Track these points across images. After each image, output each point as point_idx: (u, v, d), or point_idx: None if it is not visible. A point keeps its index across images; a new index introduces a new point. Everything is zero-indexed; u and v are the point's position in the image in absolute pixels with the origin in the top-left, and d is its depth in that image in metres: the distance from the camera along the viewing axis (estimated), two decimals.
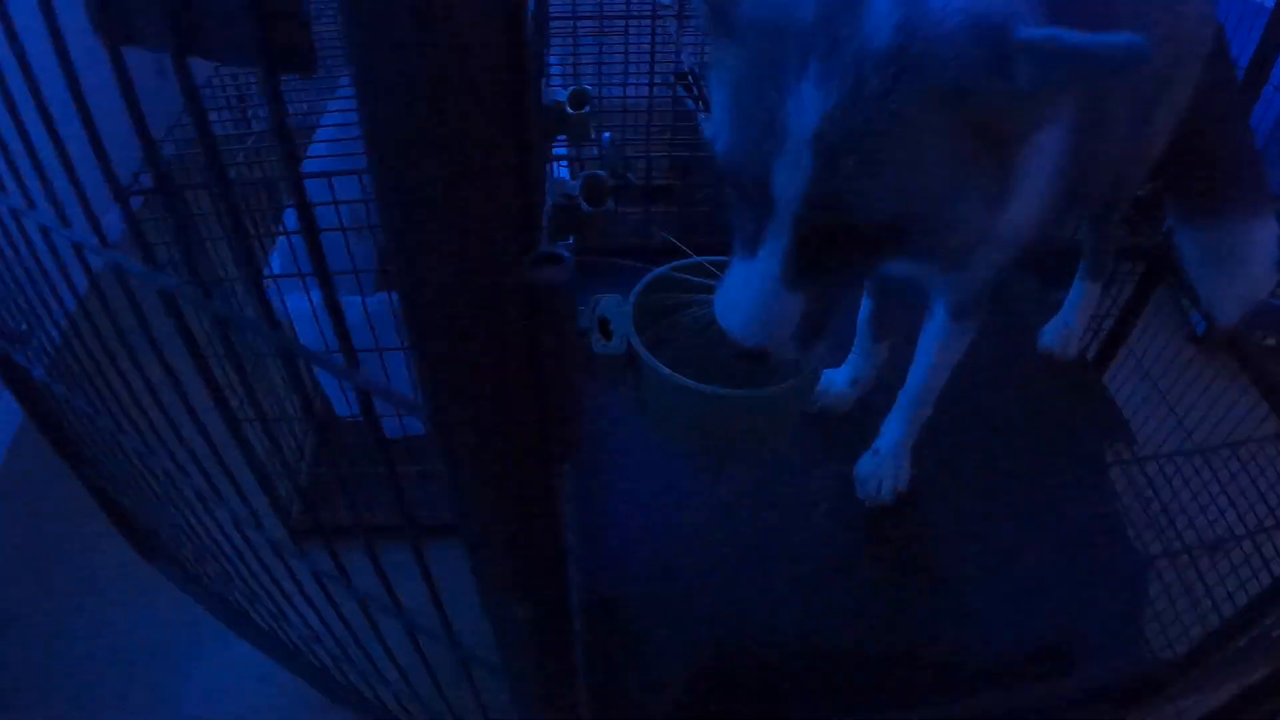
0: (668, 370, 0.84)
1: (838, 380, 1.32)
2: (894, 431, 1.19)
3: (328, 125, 1.81)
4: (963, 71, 0.59)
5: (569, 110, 1.18)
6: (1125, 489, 1.68)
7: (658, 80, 2.04)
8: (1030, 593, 1.16)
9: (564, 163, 1.62)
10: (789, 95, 0.60)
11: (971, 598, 1.14)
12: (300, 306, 1.58)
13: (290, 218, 1.72)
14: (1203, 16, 1.09)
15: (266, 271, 1.64)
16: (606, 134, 1.22)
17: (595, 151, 2.12)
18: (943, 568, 1.17)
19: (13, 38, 0.47)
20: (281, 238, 1.72)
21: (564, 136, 1.02)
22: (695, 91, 1.92)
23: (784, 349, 0.72)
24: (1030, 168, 0.72)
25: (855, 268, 0.72)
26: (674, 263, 0.92)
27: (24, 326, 0.89)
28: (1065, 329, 1.43)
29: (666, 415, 0.90)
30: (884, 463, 1.19)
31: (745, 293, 0.69)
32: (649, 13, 2.03)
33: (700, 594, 1.12)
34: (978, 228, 0.70)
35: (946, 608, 1.13)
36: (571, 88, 1.02)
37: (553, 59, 1.97)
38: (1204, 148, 1.32)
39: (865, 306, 1.23)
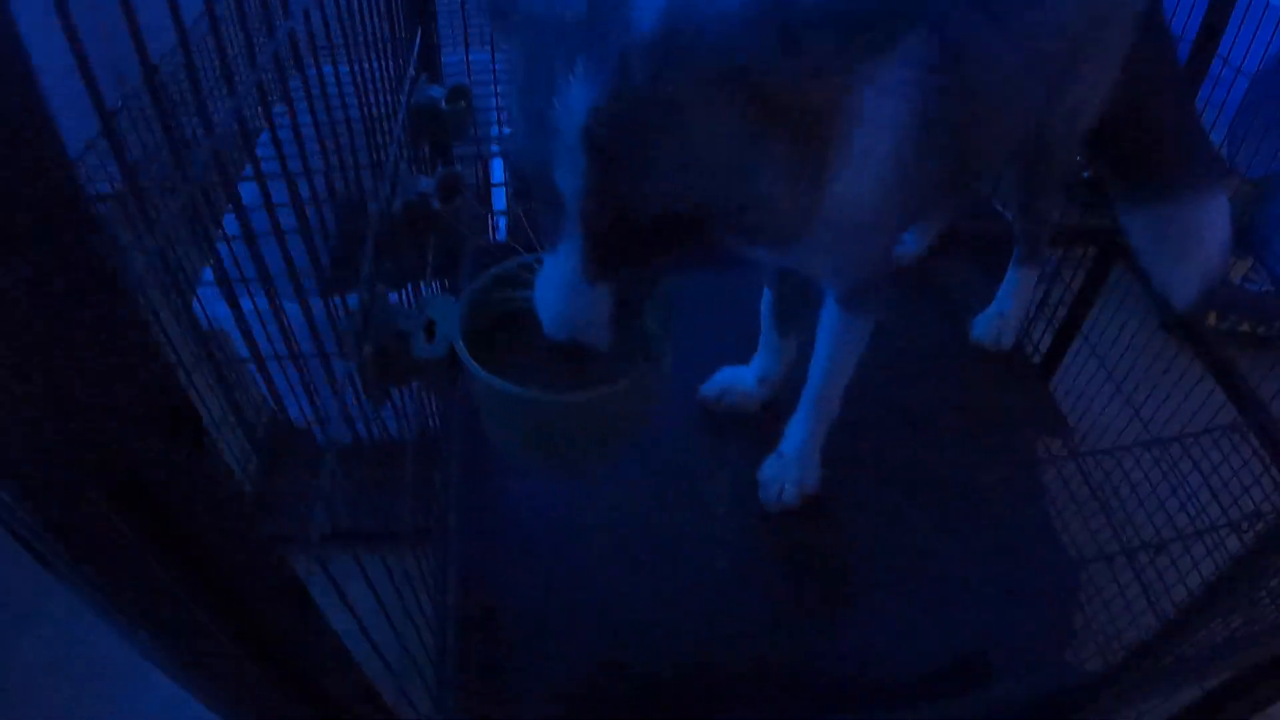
0: (484, 373, 0.76)
1: (745, 378, 1.24)
2: (798, 432, 1.12)
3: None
4: (738, 53, 0.57)
5: (443, 106, 1.12)
6: (1077, 486, 1.61)
7: None
8: (947, 601, 1.08)
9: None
10: (558, 93, 0.58)
11: (883, 607, 1.07)
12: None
13: (230, 222, 1.65)
14: None
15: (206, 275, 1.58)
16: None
17: (496, 148, 2.06)
18: (852, 575, 1.10)
19: None
20: (221, 243, 1.65)
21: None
22: None
23: (598, 340, 0.69)
24: (855, 141, 0.69)
25: (663, 255, 0.68)
26: (522, 258, 0.83)
27: None
28: (998, 319, 1.35)
29: (495, 423, 0.83)
30: (788, 465, 1.11)
31: (549, 288, 0.67)
32: None
33: (587, 603, 1.05)
34: (793, 209, 0.67)
35: (854, 618, 1.06)
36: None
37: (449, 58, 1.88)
38: (1144, 122, 1.24)
39: (766, 298, 1.15)
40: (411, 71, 1.15)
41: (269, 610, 0.45)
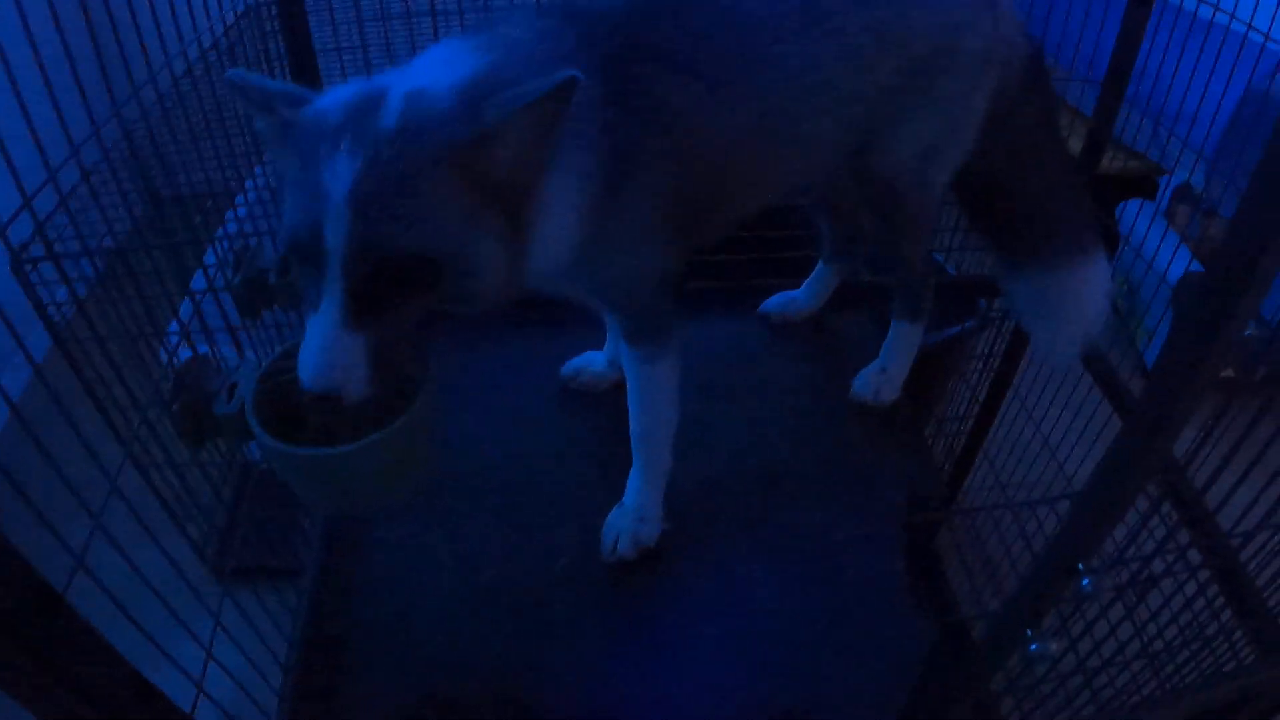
0: (260, 431, 0.85)
1: (596, 360, 1.38)
2: (633, 484, 1.17)
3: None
4: (447, 134, 0.77)
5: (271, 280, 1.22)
6: (964, 541, 1.60)
7: None
8: (780, 658, 1.12)
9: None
10: (328, 169, 0.75)
11: (711, 660, 1.11)
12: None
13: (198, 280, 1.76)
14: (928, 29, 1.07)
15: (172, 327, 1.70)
16: None
17: None
18: (685, 628, 1.14)
19: None
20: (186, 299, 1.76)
21: None
22: None
23: (355, 391, 0.79)
24: (551, 195, 0.86)
25: (409, 307, 0.81)
26: None
27: None
28: (879, 375, 1.37)
29: (283, 475, 0.91)
30: (626, 516, 1.17)
31: (311, 343, 0.78)
32: None
33: (425, 640, 1.12)
34: (502, 266, 0.82)
35: (681, 670, 1.10)
36: None
37: None
38: (1020, 186, 1.26)
39: None
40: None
41: None
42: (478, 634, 1.13)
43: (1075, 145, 1.70)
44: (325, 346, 0.77)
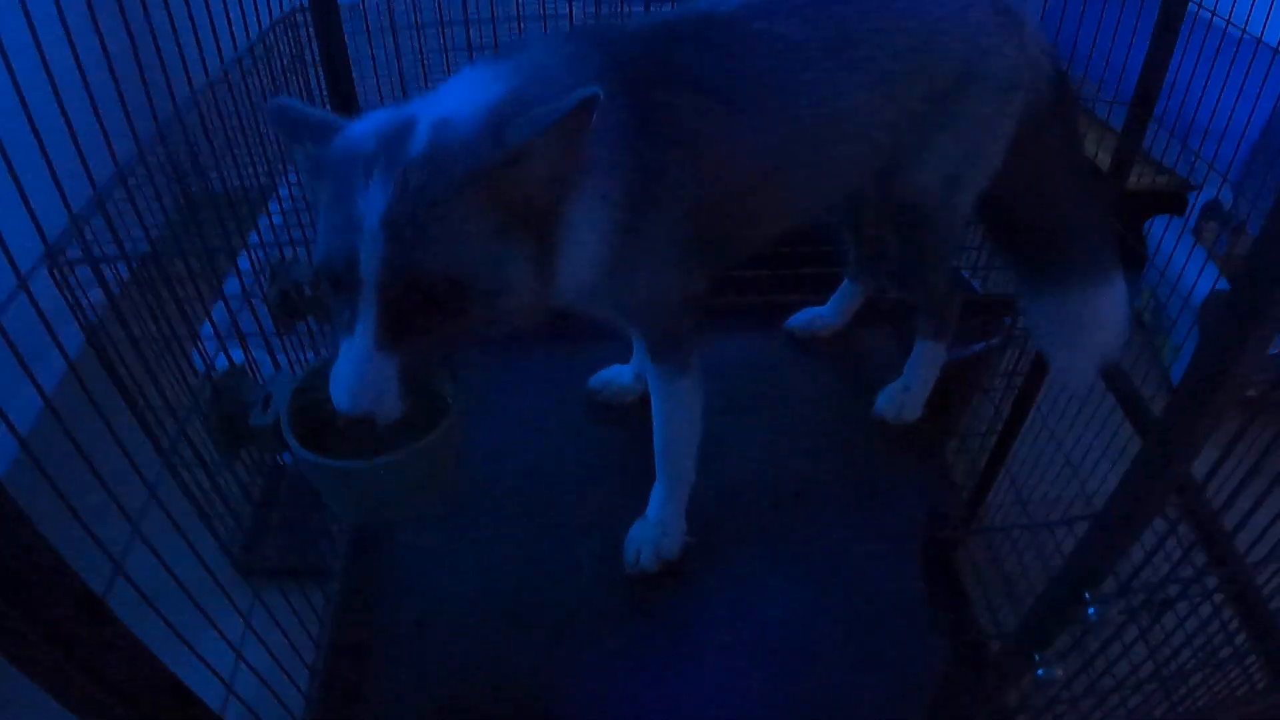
0: (295, 443, 0.87)
1: (623, 374, 1.41)
2: (657, 497, 1.19)
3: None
4: (471, 159, 0.79)
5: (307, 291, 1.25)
6: (983, 559, 1.60)
7: None
8: (797, 669, 1.14)
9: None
10: (361, 197, 0.79)
11: (730, 670, 1.13)
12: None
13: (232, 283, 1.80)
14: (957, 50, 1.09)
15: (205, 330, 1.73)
16: None
17: None
18: (704, 640, 1.16)
19: None
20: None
21: None
22: None
23: (388, 412, 0.81)
24: (576, 217, 0.88)
25: (441, 330, 0.83)
26: None
27: None
28: (902, 393, 1.39)
29: (316, 487, 0.93)
30: (649, 529, 1.19)
31: (346, 366, 0.80)
32: None
33: (451, 647, 1.15)
34: (530, 287, 0.85)
35: (698, 680, 1.12)
36: None
37: None
38: (1040, 208, 1.27)
39: None
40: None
41: None
42: (500, 642, 1.15)
43: (1105, 161, 1.71)
44: (359, 371, 0.79)
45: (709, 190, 0.99)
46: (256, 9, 1.44)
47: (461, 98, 0.86)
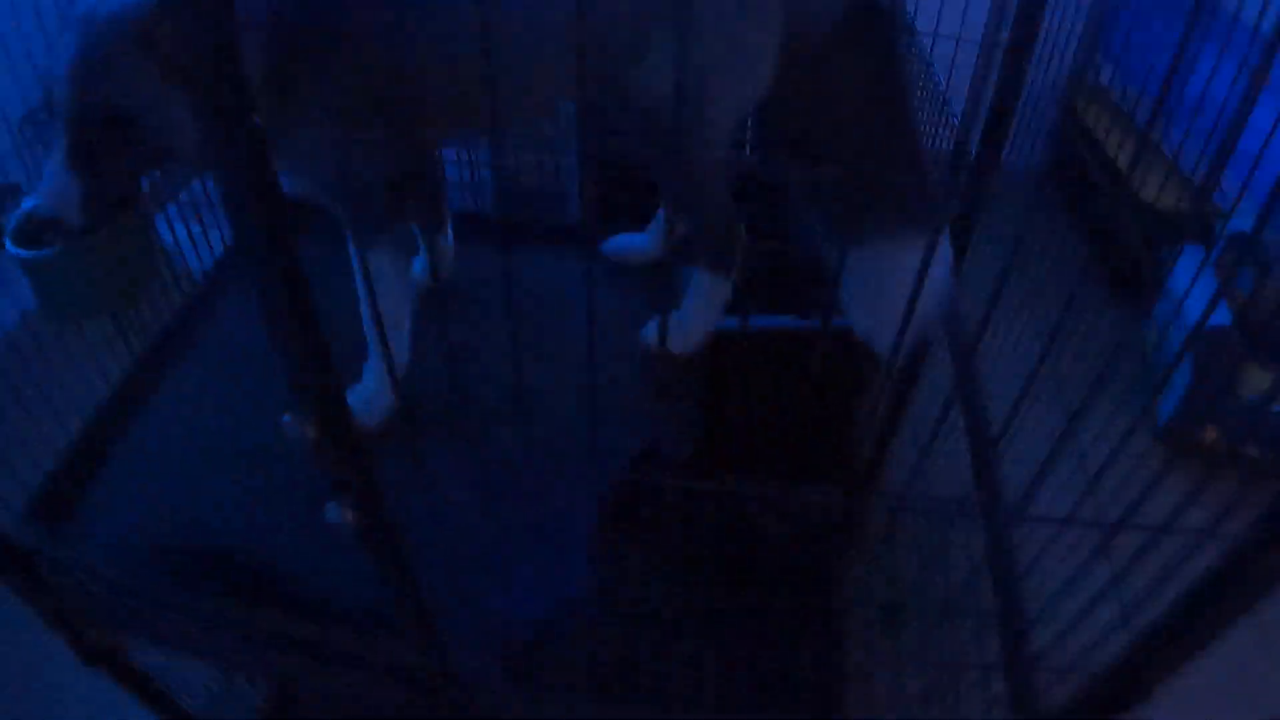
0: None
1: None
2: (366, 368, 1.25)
3: None
4: (132, 17, 0.93)
5: None
6: None
7: None
8: None
9: None
10: (63, 51, 0.94)
11: None
12: None
13: None
14: None
15: None
16: None
17: None
18: None
19: None
20: None
21: None
22: None
23: (72, 218, 0.99)
24: None
25: (121, 157, 1.00)
26: None
27: None
28: (675, 324, 1.32)
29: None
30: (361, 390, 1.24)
31: (44, 179, 0.98)
32: None
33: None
34: (193, 129, 0.96)
35: None
36: None
37: None
38: (839, 156, 1.18)
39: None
40: None
41: None
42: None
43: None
44: (49, 183, 0.97)
45: (362, 67, 1.05)
46: None
47: None
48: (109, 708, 1.58)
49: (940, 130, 1.54)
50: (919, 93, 1.64)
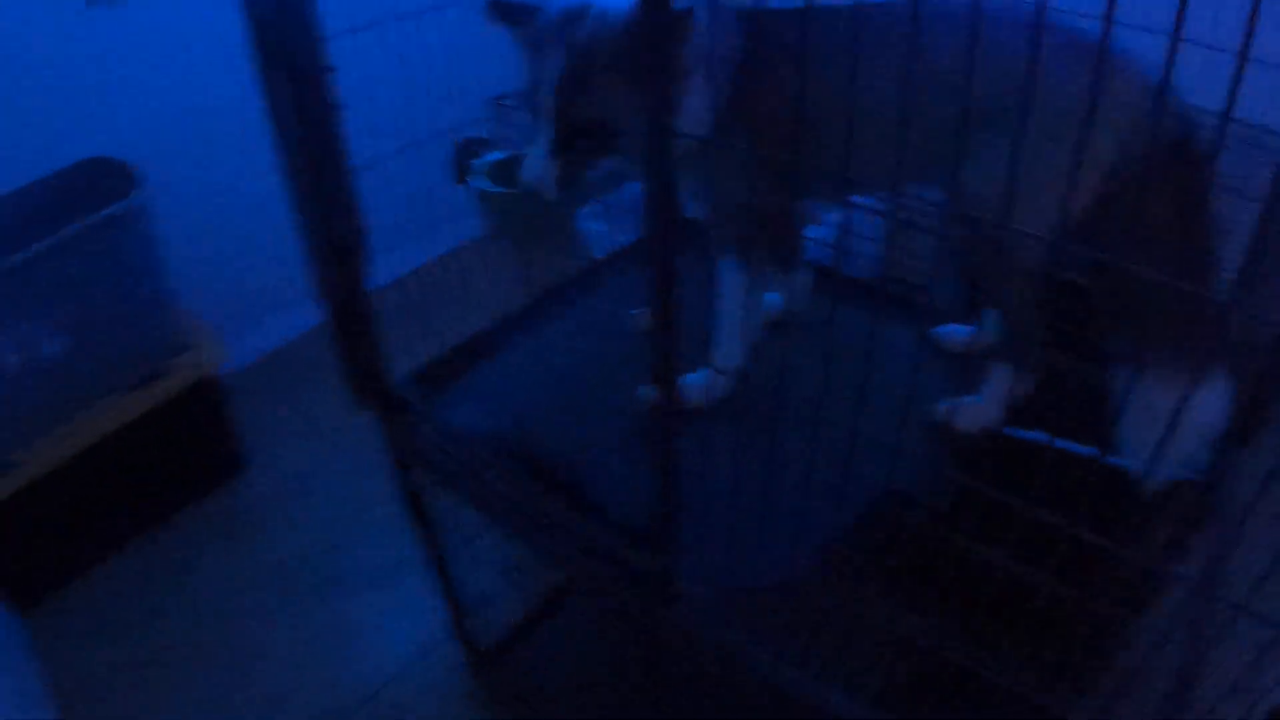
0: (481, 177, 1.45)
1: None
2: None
3: None
4: (614, 45, 1.20)
5: None
6: None
7: None
8: None
9: None
10: (548, 64, 1.22)
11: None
12: None
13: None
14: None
15: None
16: None
17: None
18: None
19: None
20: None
21: None
22: None
23: (547, 190, 1.28)
24: (691, 97, 1.26)
25: (591, 149, 1.28)
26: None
27: None
28: (971, 404, 1.40)
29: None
30: (699, 377, 1.49)
31: (530, 160, 1.28)
32: None
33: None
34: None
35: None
36: None
37: None
38: (1133, 286, 1.18)
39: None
40: None
41: None
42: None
43: None
44: (534, 164, 1.26)
45: (784, 113, 1.26)
46: None
47: None
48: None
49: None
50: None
